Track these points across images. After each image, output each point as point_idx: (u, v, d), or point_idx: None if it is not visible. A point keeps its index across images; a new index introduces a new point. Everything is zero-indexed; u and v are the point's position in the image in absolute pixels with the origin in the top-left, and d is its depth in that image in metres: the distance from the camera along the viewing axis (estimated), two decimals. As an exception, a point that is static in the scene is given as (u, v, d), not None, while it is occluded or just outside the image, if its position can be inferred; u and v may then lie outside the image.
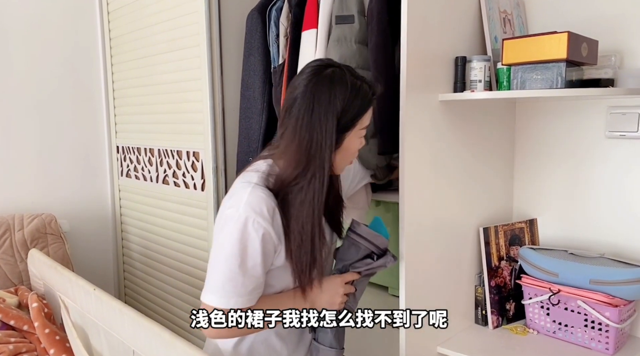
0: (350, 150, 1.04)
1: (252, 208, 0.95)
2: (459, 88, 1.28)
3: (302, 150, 0.96)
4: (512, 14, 1.44)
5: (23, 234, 1.96)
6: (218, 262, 0.98)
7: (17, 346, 1.51)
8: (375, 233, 1.11)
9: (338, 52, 1.36)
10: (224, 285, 0.96)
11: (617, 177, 1.40)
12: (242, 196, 0.97)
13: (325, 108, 0.95)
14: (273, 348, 1.11)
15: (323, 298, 1.07)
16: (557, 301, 1.32)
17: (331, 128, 0.96)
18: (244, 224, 0.95)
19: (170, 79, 1.95)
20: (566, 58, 1.10)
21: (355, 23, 1.35)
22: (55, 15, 2.22)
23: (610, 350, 1.25)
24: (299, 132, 0.96)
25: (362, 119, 1.01)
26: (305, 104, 0.96)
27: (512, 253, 1.47)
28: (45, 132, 2.23)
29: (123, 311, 1.25)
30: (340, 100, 0.96)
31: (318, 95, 0.95)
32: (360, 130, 1.03)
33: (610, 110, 1.38)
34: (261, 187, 0.98)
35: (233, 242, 0.95)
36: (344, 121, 0.98)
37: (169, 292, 2.12)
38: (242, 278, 0.96)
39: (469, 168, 1.39)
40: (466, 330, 1.42)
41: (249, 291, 0.97)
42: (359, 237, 1.11)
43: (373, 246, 1.11)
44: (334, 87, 0.96)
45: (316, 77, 0.97)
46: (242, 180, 1.02)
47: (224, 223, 0.97)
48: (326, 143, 0.95)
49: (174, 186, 2.03)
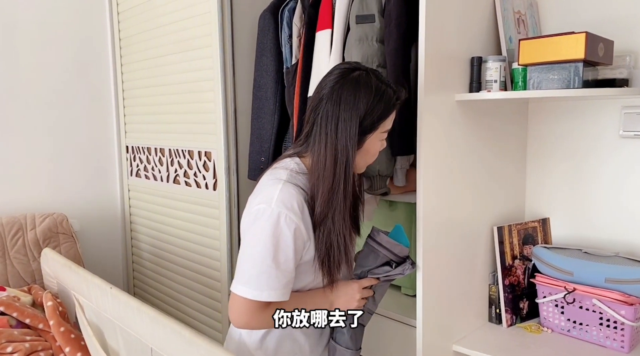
0: (370, 151, 1.07)
1: (284, 204, 0.98)
2: (474, 88, 1.29)
3: (328, 151, 0.99)
4: (526, 14, 1.45)
5: (35, 233, 1.97)
6: (251, 255, 1.00)
7: (33, 344, 1.51)
8: (395, 242, 1.13)
9: (360, 51, 1.36)
10: (258, 278, 0.98)
11: (630, 176, 1.41)
12: (274, 192, 0.99)
13: (350, 110, 0.99)
14: (297, 341, 1.13)
15: (340, 300, 1.11)
16: (572, 299, 1.33)
17: (354, 130, 0.99)
18: (277, 219, 0.97)
19: (182, 79, 1.96)
20: (584, 58, 1.11)
21: (376, 22, 1.36)
22: (65, 16, 2.23)
23: (626, 348, 1.26)
24: (325, 133, 1.00)
25: (384, 123, 1.04)
26: (331, 105, 0.99)
27: (525, 252, 1.48)
28: (55, 132, 2.24)
29: (141, 310, 1.25)
30: (364, 103, 0.99)
31: (344, 97, 0.99)
32: (382, 133, 1.06)
33: (624, 110, 1.39)
34: (291, 183, 1.01)
35: (266, 236, 0.97)
36: (366, 124, 1.00)
37: (179, 291, 2.13)
38: (276, 272, 0.98)
39: (483, 168, 1.40)
40: (480, 328, 1.43)
41: (282, 285, 0.99)
42: (378, 245, 1.13)
43: (392, 254, 1.13)
44: (359, 89, 0.99)
45: (343, 79, 1.01)
46: (271, 177, 1.04)
47: (255, 218, 0.99)
48: (350, 144, 0.99)
49: (185, 185, 2.04)
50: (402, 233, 1.17)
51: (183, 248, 2.07)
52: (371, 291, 1.14)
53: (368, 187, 1.40)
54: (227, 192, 1.82)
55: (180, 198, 2.06)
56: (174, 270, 2.14)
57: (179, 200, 2.07)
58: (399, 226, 1.18)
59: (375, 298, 1.17)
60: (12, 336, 1.50)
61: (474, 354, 1.30)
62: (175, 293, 2.15)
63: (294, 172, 1.04)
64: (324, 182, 1.00)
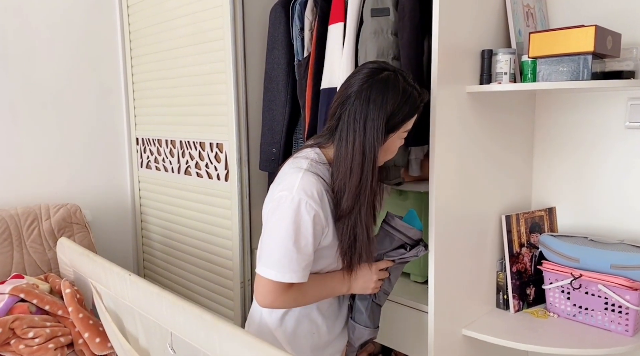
0: (390, 149, 1.12)
1: (305, 191, 1.02)
2: (485, 80, 1.32)
3: (357, 148, 1.04)
4: (535, 7, 1.48)
5: (50, 223, 2.01)
6: (274, 240, 1.05)
7: (53, 330, 1.56)
8: (409, 226, 1.19)
9: (376, 44, 1.39)
10: (280, 261, 1.03)
11: (635, 166, 1.44)
12: (295, 180, 1.04)
13: (378, 110, 1.03)
14: (315, 322, 1.18)
15: (358, 283, 1.17)
16: (578, 285, 1.37)
17: (382, 129, 1.04)
18: (298, 206, 1.02)
19: (193, 72, 1.99)
20: (593, 51, 1.14)
21: (391, 15, 1.38)
22: (75, 10, 2.25)
23: (630, 331, 1.30)
24: (354, 130, 1.04)
25: (407, 123, 1.09)
26: (360, 104, 1.04)
27: (532, 240, 1.52)
28: (67, 125, 2.27)
29: (161, 295, 1.29)
30: (392, 104, 1.04)
31: (373, 97, 1.03)
32: (403, 133, 1.11)
33: (630, 101, 1.42)
34: (311, 172, 1.06)
35: (288, 222, 1.02)
36: (392, 123, 1.05)
37: (190, 280, 2.17)
38: (297, 255, 1.03)
39: (492, 158, 1.44)
40: (488, 313, 1.47)
41: (302, 268, 1.05)
42: (393, 229, 1.19)
43: (406, 237, 1.19)
44: (387, 90, 1.04)
45: (372, 79, 1.05)
46: (292, 165, 1.09)
47: (277, 204, 1.04)
48: (377, 143, 1.04)
49: (196, 177, 2.07)
50: (416, 217, 1.22)
51: (194, 237, 2.11)
52: (387, 273, 1.19)
53: (383, 176, 1.44)
54: (239, 183, 1.85)
55: (192, 189, 2.10)
56: (185, 259, 2.18)
57: (190, 191, 2.11)
58: (413, 211, 1.23)
59: (391, 280, 1.22)
60: (33, 322, 1.55)
61: (483, 338, 1.35)
62: (187, 282, 2.19)
63: (315, 161, 1.09)
64: (352, 177, 1.04)
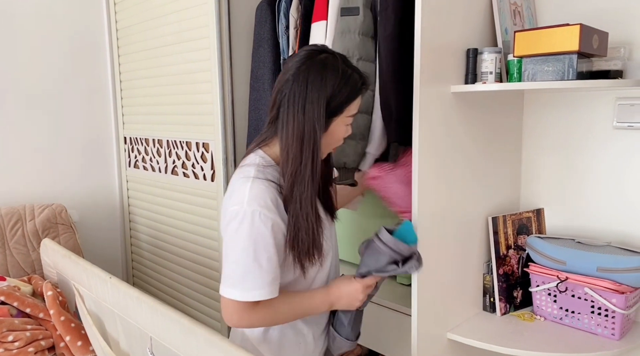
0: (335, 135, 1.06)
1: (257, 202, 0.97)
2: (470, 80, 1.30)
3: (296, 132, 0.99)
4: (522, 5, 1.45)
5: (34, 224, 1.99)
6: (233, 257, 1.00)
7: (34, 333, 1.54)
8: (400, 242, 1.10)
9: (342, 44, 1.37)
10: (243, 279, 0.98)
11: (623, 167, 1.42)
12: (244, 191, 0.98)
13: (317, 91, 0.98)
14: (300, 331, 1.14)
15: (342, 302, 1.10)
16: (565, 288, 1.35)
17: (322, 111, 0.98)
18: (251, 219, 0.96)
19: (179, 71, 1.96)
20: (578, 50, 1.11)
21: (360, 15, 1.36)
22: (62, 7, 2.23)
23: (616, 335, 1.28)
24: (293, 114, 0.99)
25: (350, 106, 1.03)
26: (298, 86, 0.98)
27: (519, 242, 1.50)
28: (53, 123, 2.24)
29: (141, 299, 1.27)
30: (331, 85, 0.99)
31: (311, 78, 0.98)
32: (347, 118, 1.05)
33: (618, 101, 1.40)
34: (260, 179, 1.00)
35: (244, 237, 0.97)
36: (333, 106, 1.00)
37: (177, 281, 2.15)
38: (259, 271, 0.98)
39: (478, 158, 1.42)
40: (474, 316, 1.45)
41: (267, 283, 0.99)
42: (384, 246, 1.10)
43: (397, 254, 1.10)
44: (325, 71, 0.99)
45: (309, 61, 1.00)
46: (239, 175, 1.03)
47: (230, 220, 0.99)
48: (317, 125, 0.98)
49: (183, 177, 2.05)
50: (411, 229, 1.15)
51: (181, 238, 2.09)
52: (372, 287, 1.13)
53: (336, 177, 1.43)
54: (225, 183, 1.83)
55: (178, 189, 2.08)
56: (172, 260, 2.16)
57: (177, 191, 2.08)
58: (408, 222, 1.16)
59: (377, 285, 1.16)
60: (13, 325, 1.53)
61: (468, 342, 1.33)
62: (174, 282, 2.18)
63: (261, 166, 1.02)
64: (292, 163, 0.99)
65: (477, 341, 1.31)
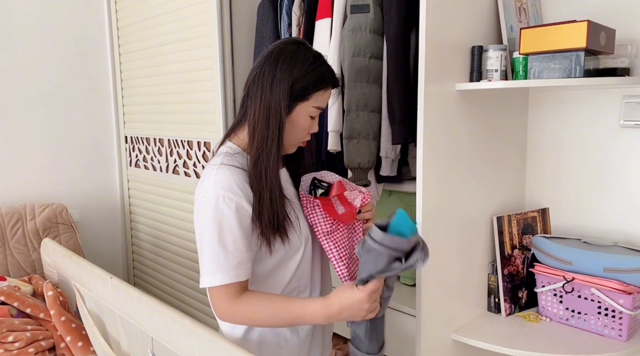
0: (298, 124, 1.05)
1: (221, 186, 0.98)
2: (475, 77, 1.28)
3: (263, 106, 1.00)
4: (527, 2, 1.44)
5: (35, 224, 1.97)
6: (201, 246, 1.01)
7: (34, 333, 1.52)
8: (395, 237, 0.96)
9: (353, 41, 1.36)
10: (210, 264, 0.99)
11: (630, 166, 1.41)
12: (209, 178, 1.00)
13: (285, 71, 1.00)
14: (281, 334, 1.11)
15: (343, 315, 1.00)
16: (571, 289, 1.33)
17: (286, 91, 1.00)
18: (215, 202, 0.97)
19: (180, 69, 1.95)
20: (585, 47, 1.10)
21: (371, 12, 1.35)
22: (62, 6, 2.21)
23: (624, 336, 1.26)
24: (261, 89, 1.01)
25: (315, 95, 1.03)
26: (268, 65, 1.01)
27: (524, 242, 1.48)
28: (54, 123, 2.23)
29: (142, 299, 1.26)
30: (298, 68, 1.01)
31: (282, 59, 1.01)
32: (312, 108, 1.04)
33: (625, 99, 1.38)
34: (226, 165, 1.01)
35: (209, 221, 0.98)
36: (297, 88, 1.01)
37: (177, 280, 2.13)
38: (224, 254, 0.98)
39: (483, 157, 1.40)
40: (479, 317, 1.43)
41: (233, 266, 0.98)
42: (378, 245, 0.96)
43: (395, 251, 0.97)
44: (296, 56, 1.02)
45: (283, 46, 1.04)
46: (207, 167, 1.05)
47: (198, 208, 1.00)
48: (283, 102, 1.00)
49: (184, 176, 2.03)
50: (406, 219, 0.99)
51: (182, 238, 2.07)
52: (379, 292, 1.01)
53: (350, 177, 1.42)
54: (227, 182, 1.81)
55: (180, 189, 2.06)
56: (173, 259, 2.15)
57: (178, 191, 2.07)
58: (401, 211, 1.00)
59: (389, 285, 1.05)
60: (13, 325, 1.51)
61: (473, 343, 1.31)
62: (174, 282, 2.16)
63: (228, 154, 1.04)
64: (257, 137, 1.00)
65: (482, 343, 1.30)
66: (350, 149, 1.41)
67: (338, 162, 1.54)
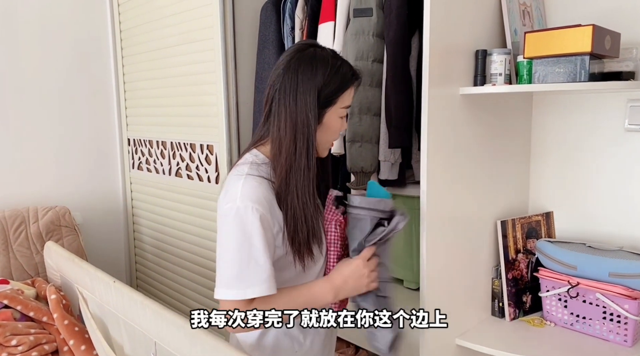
0: (330, 128, 1.04)
1: (249, 197, 0.96)
2: (479, 81, 1.28)
3: (288, 124, 0.98)
4: (531, 6, 1.43)
5: (38, 226, 1.98)
6: (227, 256, 0.98)
7: (37, 337, 1.52)
8: (374, 199, 1.06)
9: (356, 45, 1.36)
10: (239, 277, 0.96)
11: (635, 170, 1.40)
12: (237, 188, 0.98)
13: (308, 82, 0.98)
14: (296, 339, 1.11)
15: (348, 286, 1.05)
16: (576, 293, 1.32)
17: (313, 101, 0.98)
18: (244, 214, 0.95)
19: (184, 72, 1.95)
20: (590, 51, 1.09)
21: (374, 16, 1.35)
22: (66, 9, 2.22)
23: (629, 342, 1.25)
24: (285, 106, 0.99)
25: (342, 96, 1.03)
26: (289, 78, 0.99)
27: (529, 246, 1.47)
28: (57, 125, 2.23)
29: (145, 304, 1.26)
30: (321, 75, 0.99)
31: (302, 69, 0.99)
32: (341, 109, 1.04)
33: (630, 103, 1.37)
34: (253, 176, 0.99)
35: (237, 234, 0.96)
36: (324, 95, 1.00)
37: (181, 284, 2.13)
38: (256, 267, 0.96)
39: (487, 161, 1.39)
40: (483, 322, 1.43)
41: (265, 279, 0.97)
42: (359, 209, 1.06)
43: (377, 212, 1.05)
44: (315, 62, 1.00)
45: (299, 53, 1.01)
46: (233, 174, 1.03)
47: (224, 218, 0.98)
48: (310, 116, 0.98)
49: (187, 179, 2.03)
50: (378, 187, 1.11)
51: (185, 241, 2.07)
52: (376, 261, 1.07)
53: (352, 181, 1.42)
54: (230, 186, 1.81)
55: (182, 191, 2.06)
56: (176, 262, 2.15)
57: (181, 193, 2.07)
58: (372, 182, 1.14)
59: (386, 264, 1.10)
60: (16, 329, 1.51)
61: (477, 348, 1.30)
62: (177, 285, 2.16)
63: (255, 163, 1.02)
64: (285, 154, 0.98)
65: (486, 348, 1.29)
66: (353, 153, 1.40)
67: (341, 165, 1.54)
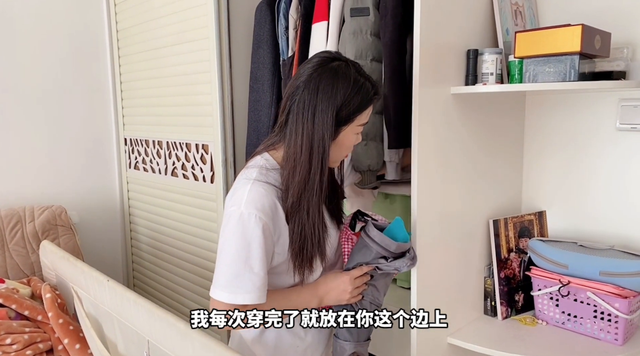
0: (344, 144, 1.04)
1: (254, 204, 0.96)
2: (470, 81, 1.28)
3: (305, 141, 0.98)
4: (523, 5, 1.43)
5: (34, 226, 1.98)
6: (225, 259, 0.99)
7: (32, 336, 1.53)
8: (386, 238, 1.08)
9: (354, 45, 1.35)
10: (233, 281, 0.97)
11: (626, 169, 1.40)
12: (243, 193, 0.98)
13: (327, 100, 0.97)
14: (297, 334, 1.13)
15: (331, 295, 1.09)
16: (567, 292, 1.33)
17: (331, 120, 0.97)
18: (247, 220, 0.96)
19: (179, 72, 1.95)
20: (580, 51, 1.10)
21: (371, 15, 1.34)
22: (62, 8, 2.22)
23: (620, 340, 1.26)
24: (302, 123, 0.98)
25: (360, 116, 1.02)
26: (308, 94, 0.97)
27: (521, 245, 1.48)
28: (53, 124, 2.24)
29: (138, 302, 1.26)
30: (342, 94, 0.97)
31: (322, 86, 0.97)
32: (357, 127, 1.04)
33: (621, 103, 1.38)
34: (261, 182, 0.99)
35: (238, 239, 0.96)
36: (342, 115, 0.99)
37: (177, 283, 2.14)
38: (250, 275, 0.97)
39: (479, 160, 1.40)
40: (475, 320, 1.43)
41: (258, 287, 0.98)
42: (371, 241, 1.09)
43: (384, 250, 1.08)
44: (337, 79, 0.98)
45: (322, 68, 0.99)
46: (242, 177, 1.03)
47: (227, 220, 0.99)
48: (326, 135, 0.97)
49: (182, 178, 2.04)
50: (401, 226, 1.12)
51: (181, 240, 2.08)
52: (364, 280, 1.10)
53: (359, 181, 1.41)
54: (225, 185, 1.82)
55: (178, 191, 2.07)
56: (172, 262, 2.15)
57: (177, 193, 2.07)
58: (399, 219, 1.13)
59: (380, 289, 1.13)
60: (11, 328, 1.52)
61: (469, 346, 1.31)
62: (174, 284, 2.17)
63: (265, 168, 1.02)
64: (299, 172, 0.98)
65: (478, 346, 1.29)
66: (359, 151, 1.39)
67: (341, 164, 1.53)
